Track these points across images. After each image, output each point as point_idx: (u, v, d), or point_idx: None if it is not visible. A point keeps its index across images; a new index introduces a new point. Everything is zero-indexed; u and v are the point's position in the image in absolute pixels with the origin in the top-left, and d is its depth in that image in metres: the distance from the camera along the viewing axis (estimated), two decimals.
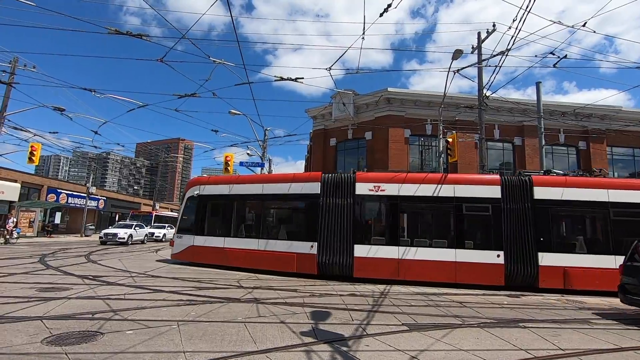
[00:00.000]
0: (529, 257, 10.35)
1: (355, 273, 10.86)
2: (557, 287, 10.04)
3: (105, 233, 24.56)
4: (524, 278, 10.31)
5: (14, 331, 4.76)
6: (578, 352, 4.72)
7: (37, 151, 18.52)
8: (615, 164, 24.72)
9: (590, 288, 9.83)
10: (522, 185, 10.85)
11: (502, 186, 10.89)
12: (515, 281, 10.35)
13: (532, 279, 10.26)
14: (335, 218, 11.36)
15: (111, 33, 9.07)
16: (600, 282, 9.83)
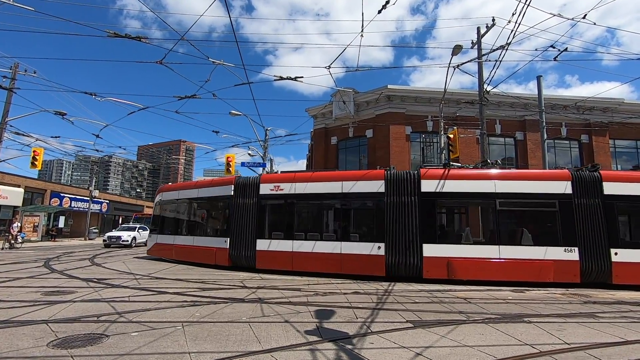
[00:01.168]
0: (413, 248, 10.63)
1: (257, 264, 12.02)
2: (440, 277, 10.33)
3: (109, 236, 24.72)
4: (406, 269, 10.68)
5: (20, 335, 4.79)
6: (584, 346, 4.70)
7: (40, 156, 18.60)
8: (619, 157, 24.59)
9: (470, 278, 10.22)
10: (411, 178, 11.17)
11: (385, 180, 11.29)
12: (398, 272, 10.74)
13: (417, 270, 10.55)
14: (243, 216, 12.54)
15: (110, 36, 9.08)
16: (482, 272, 10.29)
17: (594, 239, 10.24)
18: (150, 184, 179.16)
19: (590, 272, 10.12)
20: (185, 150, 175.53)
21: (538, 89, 16.12)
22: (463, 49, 12.96)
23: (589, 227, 10.34)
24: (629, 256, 10.03)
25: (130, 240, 24.39)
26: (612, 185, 10.57)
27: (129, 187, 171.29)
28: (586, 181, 10.65)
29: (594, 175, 10.74)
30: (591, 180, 10.65)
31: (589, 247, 10.20)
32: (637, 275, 9.90)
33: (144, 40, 9.51)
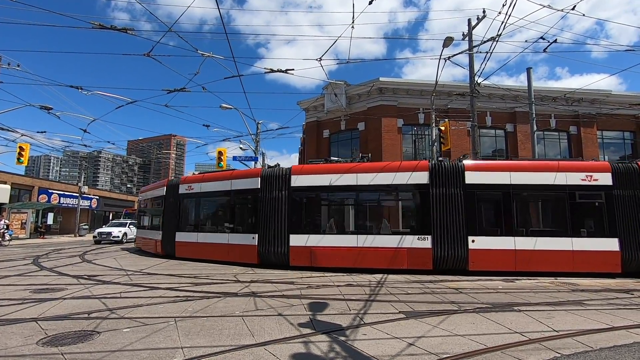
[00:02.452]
0: (283, 238, 11.66)
1: (176, 253, 13.99)
2: (305, 264, 11.25)
3: (99, 232, 24.32)
4: (276, 257, 11.71)
5: (9, 333, 4.71)
6: (572, 333, 4.80)
7: (26, 151, 18.21)
8: (607, 148, 24.99)
9: (331, 265, 11.06)
10: (282, 175, 12.14)
11: (260, 177, 12.49)
12: (269, 260, 11.82)
13: (285, 257, 11.50)
14: (170, 214, 14.62)
15: (95, 28, 8.85)
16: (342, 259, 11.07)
17: (450, 227, 10.64)
18: (140, 179, 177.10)
19: (445, 259, 10.58)
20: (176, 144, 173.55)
21: (528, 81, 16.24)
22: (455, 41, 12.95)
23: (446, 216, 10.70)
24: (485, 243, 10.51)
25: (121, 236, 23.99)
26: (474, 175, 10.88)
27: (119, 182, 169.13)
28: (446, 171, 10.97)
29: (456, 165, 11.07)
30: (452, 170, 10.96)
31: (444, 235, 10.62)
32: (492, 262, 10.42)
33: (130, 32, 9.29)
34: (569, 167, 10.97)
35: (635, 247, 10.36)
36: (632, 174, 10.80)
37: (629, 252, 10.34)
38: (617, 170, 10.83)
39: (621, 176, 10.76)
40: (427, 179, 10.95)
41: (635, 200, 10.61)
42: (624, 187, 10.70)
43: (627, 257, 10.32)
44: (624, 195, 10.66)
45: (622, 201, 10.63)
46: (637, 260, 10.31)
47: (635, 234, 10.45)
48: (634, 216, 10.54)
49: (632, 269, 10.36)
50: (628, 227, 10.49)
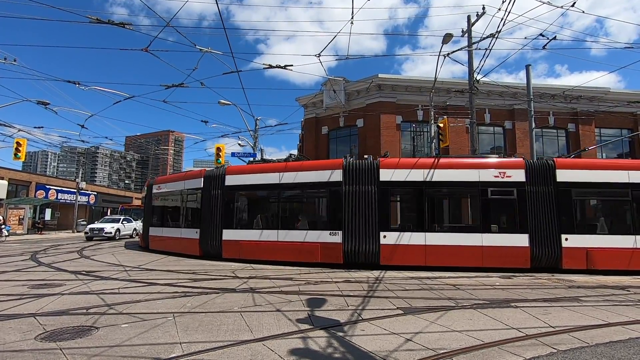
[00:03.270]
0: (217, 234, 12.60)
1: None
2: (236, 257, 12.17)
3: (91, 228, 23.36)
4: (213, 249, 12.62)
5: (7, 329, 4.71)
6: (568, 329, 4.83)
7: (23, 147, 18.09)
8: (605, 145, 25.06)
9: (257, 257, 11.86)
10: (219, 176, 13.01)
11: (203, 178, 13.43)
12: (210, 253, 12.80)
13: (219, 250, 12.50)
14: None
15: (92, 22, 8.78)
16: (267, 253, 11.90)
17: (362, 223, 11.02)
18: (138, 175, 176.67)
19: (356, 254, 11.02)
20: (174, 140, 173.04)
21: (527, 78, 16.23)
22: (454, 37, 12.91)
23: (358, 212, 11.11)
24: (397, 239, 10.86)
25: (114, 232, 23.11)
26: (388, 172, 11.22)
27: (117, 178, 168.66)
28: (359, 169, 11.36)
29: (370, 163, 11.42)
30: (366, 168, 11.29)
31: (355, 231, 11.05)
32: (402, 257, 10.77)
33: (128, 27, 9.22)
34: (482, 164, 11.25)
35: (545, 243, 10.55)
36: (546, 170, 10.96)
37: (538, 248, 10.54)
38: (531, 167, 11.02)
39: (534, 173, 10.94)
40: (341, 177, 11.38)
41: (547, 197, 10.78)
42: (536, 184, 10.87)
43: (536, 253, 10.53)
44: (536, 191, 10.82)
45: (534, 197, 10.79)
46: (546, 256, 10.50)
47: (545, 230, 10.63)
48: (545, 212, 10.72)
49: (541, 265, 10.57)
50: (538, 223, 10.67)
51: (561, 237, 10.48)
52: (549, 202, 10.73)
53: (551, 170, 10.92)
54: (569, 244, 10.41)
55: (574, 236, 10.45)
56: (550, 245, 10.50)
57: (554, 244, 10.49)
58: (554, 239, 10.51)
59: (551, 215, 10.64)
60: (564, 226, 10.53)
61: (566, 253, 10.38)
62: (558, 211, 10.63)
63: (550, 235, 10.56)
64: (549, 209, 10.70)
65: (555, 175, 10.82)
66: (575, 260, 10.32)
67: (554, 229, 10.56)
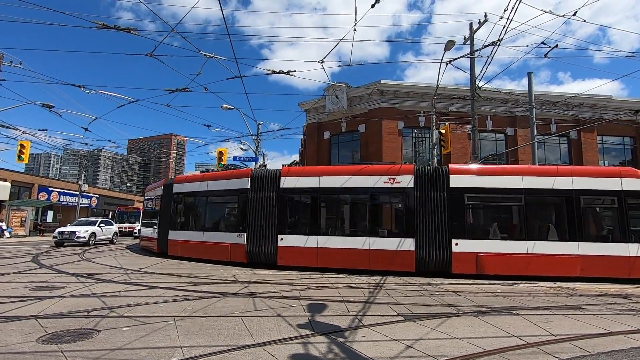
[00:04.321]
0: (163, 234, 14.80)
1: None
2: (176, 254, 14.02)
3: (60, 232, 19.83)
4: (160, 248, 15.01)
5: (8, 331, 4.73)
6: (569, 338, 4.82)
7: (27, 149, 18.22)
8: (607, 153, 25.03)
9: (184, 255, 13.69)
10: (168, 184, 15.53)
11: (164, 188, 15.44)
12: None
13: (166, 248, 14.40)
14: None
15: (99, 27, 8.90)
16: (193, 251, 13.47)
17: (263, 226, 12.01)
18: (140, 178, 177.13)
19: (258, 254, 12.03)
20: (177, 144, 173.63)
21: (529, 85, 16.28)
22: (456, 44, 12.99)
23: (260, 216, 12.13)
24: (292, 241, 11.66)
25: (87, 236, 19.61)
26: (288, 180, 12.20)
27: (119, 181, 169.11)
28: (264, 177, 12.45)
29: (273, 172, 12.59)
30: (269, 176, 12.42)
31: (257, 233, 12.01)
32: (297, 258, 11.49)
33: (133, 32, 9.33)
34: (373, 170, 11.65)
35: (433, 248, 10.69)
36: (439, 176, 11.15)
37: (424, 252, 10.71)
38: (421, 173, 11.28)
39: (425, 179, 11.18)
40: (249, 184, 12.51)
41: (439, 202, 10.94)
42: (427, 189, 11.08)
43: (421, 257, 10.71)
44: (426, 196, 11.04)
45: (421, 203, 11.00)
46: (434, 260, 10.65)
47: (433, 235, 10.78)
48: (435, 217, 10.87)
49: (429, 269, 10.74)
50: (427, 228, 10.84)
51: (452, 241, 10.56)
52: (440, 207, 10.87)
53: (444, 176, 11.09)
54: (459, 248, 10.49)
55: (465, 241, 10.54)
56: (439, 249, 10.61)
57: (444, 249, 10.58)
58: (444, 244, 10.61)
59: (442, 220, 10.76)
60: (455, 231, 10.62)
61: (456, 257, 10.45)
62: (449, 216, 10.75)
63: (440, 239, 10.67)
64: (440, 214, 10.82)
65: (449, 181, 10.98)
66: (465, 265, 10.42)
67: (444, 234, 10.67)
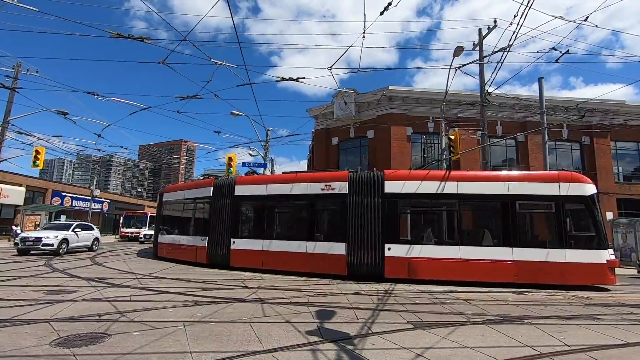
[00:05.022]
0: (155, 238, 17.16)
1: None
2: (166, 255, 15.73)
3: (24, 237, 16.27)
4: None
5: (23, 334, 4.81)
6: (584, 348, 4.70)
7: (42, 155, 18.65)
8: (621, 159, 24.56)
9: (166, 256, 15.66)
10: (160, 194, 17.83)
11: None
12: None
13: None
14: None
15: (113, 36, 9.12)
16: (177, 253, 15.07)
17: (220, 231, 13.10)
18: (151, 183, 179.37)
19: (215, 256, 13.12)
20: (187, 150, 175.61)
21: (540, 91, 16.12)
22: (465, 50, 12.98)
23: (218, 222, 13.22)
24: (242, 245, 12.66)
25: (56, 244, 16.13)
26: (240, 188, 13.18)
27: (129, 186, 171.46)
28: (222, 186, 13.54)
29: (229, 180, 13.59)
30: (226, 186, 13.40)
31: (216, 237, 13.18)
32: (246, 260, 12.38)
33: (146, 41, 9.54)
34: (312, 178, 12.23)
35: (364, 252, 10.93)
36: (373, 182, 11.32)
37: (355, 257, 10.99)
38: (355, 179, 11.53)
39: (359, 185, 11.42)
40: (211, 193, 13.73)
41: (373, 207, 11.14)
42: (360, 195, 11.31)
43: (351, 261, 10.99)
44: (360, 202, 11.27)
45: (354, 208, 11.27)
46: (366, 264, 10.87)
47: (365, 240, 11.00)
48: (368, 222, 11.08)
49: (361, 272, 10.91)
50: (359, 232, 11.08)
51: (384, 246, 10.72)
52: (374, 213, 11.06)
53: (379, 181, 11.24)
54: (391, 253, 10.64)
55: (397, 246, 10.68)
56: (371, 254, 10.81)
57: (376, 253, 10.76)
58: (377, 249, 10.79)
59: (375, 225, 10.96)
60: (388, 236, 10.79)
61: (388, 262, 10.60)
62: (383, 221, 10.93)
63: (372, 244, 10.86)
64: (374, 219, 11.01)
65: (383, 186, 11.12)
66: (397, 270, 10.56)
67: (377, 239, 10.84)
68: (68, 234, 17.27)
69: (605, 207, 22.89)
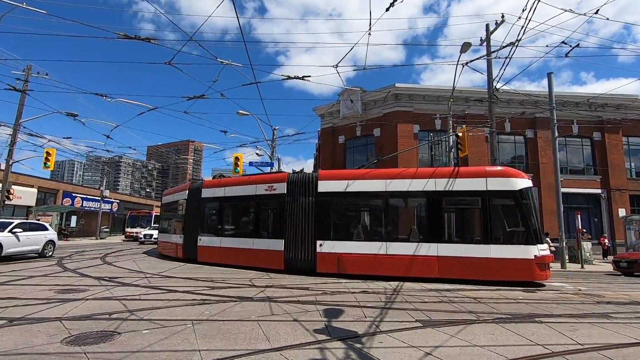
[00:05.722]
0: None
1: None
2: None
3: None
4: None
5: (34, 332, 4.89)
6: (597, 347, 4.62)
7: (52, 156, 18.95)
8: (633, 154, 24.09)
9: None
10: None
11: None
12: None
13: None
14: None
15: (120, 38, 9.20)
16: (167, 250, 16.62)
17: (192, 230, 14.47)
18: (159, 184, 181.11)
19: (187, 252, 14.58)
20: (194, 150, 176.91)
21: (549, 86, 15.88)
22: (473, 46, 12.83)
23: (190, 221, 14.76)
24: (206, 242, 14.00)
25: None
26: (205, 191, 14.79)
27: (138, 187, 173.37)
28: (193, 190, 15.16)
29: (199, 184, 15.15)
30: (196, 189, 14.99)
31: (187, 236, 14.76)
32: (209, 255, 13.77)
33: (153, 42, 9.61)
34: (259, 180, 13.14)
35: (299, 249, 11.60)
36: (309, 182, 11.91)
37: (291, 253, 11.73)
38: (293, 180, 12.22)
39: (296, 185, 12.08)
40: (186, 196, 15.33)
41: (307, 206, 11.75)
42: (297, 195, 11.96)
43: (288, 257, 11.77)
44: (296, 201, 11.93)
45: (291, 207, 11.96)
46: (300, 260, 11.56)
47: (300, 237, 11.67)
48: (303, 220, 11.72)
49: (297, 267, 11.55)
50: (295, 230, 11.77)
51: (316, 243, 11.34)
52: (308, 211, 11.69)
53: (313, 182, 11.81)
54: (323, 249, 11.24)
55: (329, 242, 11.26)
56: (305, 250, 11.48)
57: (309, 250, 11.42)
58: (310, 245, 11.43)
59: (309, 222, 11.58)
60: (320, 233, 11.40)
61: (320, 257, 11.22)
62: (316, 219, 11.53)
63: (306, 241, 11.52)
64: (308, 217, 11.64)
65: (317, 186, 11.70)
66: (327, 265, 11.13)
67: (310, 236, 11.47)
68: (3, 237, 13.28)
69: (618, 204, 22.49)
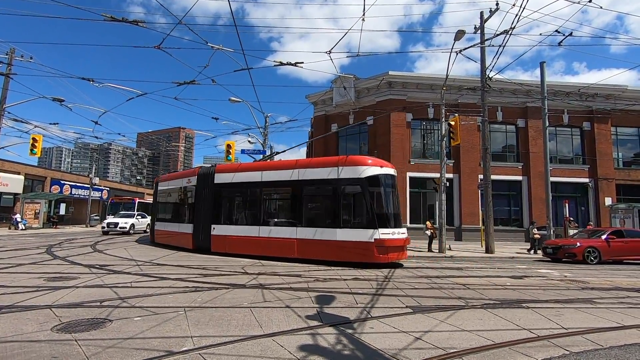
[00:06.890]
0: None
1: None
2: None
3: None
4: None
5: (24, 319, 4.84)
6: (581, 331, 4.76)
7: (39, 143, 18.53)
8: (621, 144, 24.48)
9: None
10: None
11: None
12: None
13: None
14: None
15: (107, 20, 8.92)
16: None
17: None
18: (150, 171, 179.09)
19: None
20: (185, 137, 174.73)
21: (541, 75, 15.93)
22: (468, 34, 12.75)
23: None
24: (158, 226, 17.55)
25: None
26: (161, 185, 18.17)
27: (129, 174, 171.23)
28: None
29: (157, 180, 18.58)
30: (154, 183, 17.76)
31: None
32: (160, 238, 16.98)
33: (141, 25, 9.33)
34: (184, 174, 16.06)
35: (201, 232, 13.71)
36: (207, 175, 14.07)
37: (195, 235, 13.99)
38: (201, 173, 14.43)
39: (202, 178, 14.27)
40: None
41: (208, 196, 13.83)
42: (203, 186, 14.11)
43: (195, 237, 13.97)
44: (202, 192, 14.13)
45: (199, 197, 14.21)
46: (202, 241, 13.62)
47: (202, 222, 13.75)
48: (205, 208, 13.82)
49: (201, 247, 13.65)
50: (199, 216, 13.93)
51: (211, 227, 13.34)
52: (208, 200, 13.77)
53: (212, 174, 13.83)
54: (215, 232, 13.26)
55: (220, 226, 13.27)
56: (204, 233, 13.53)
57: (207, 233, 13.42)
58: (207, 229, 13.45)
59: (208, 209, 13.65)
60: (214, 218, 13.41)
61: (213, 239, 13.24)
62: (212, 206, 13.57)
63: (205, 225, 13.56)
64: (208, 205, 13.72)
65: (214, 178, 13.73)
66: (219, 245, 13.10)
67: (208, 221, 13.50)
68: None
69: (604, 193, 22.94)
